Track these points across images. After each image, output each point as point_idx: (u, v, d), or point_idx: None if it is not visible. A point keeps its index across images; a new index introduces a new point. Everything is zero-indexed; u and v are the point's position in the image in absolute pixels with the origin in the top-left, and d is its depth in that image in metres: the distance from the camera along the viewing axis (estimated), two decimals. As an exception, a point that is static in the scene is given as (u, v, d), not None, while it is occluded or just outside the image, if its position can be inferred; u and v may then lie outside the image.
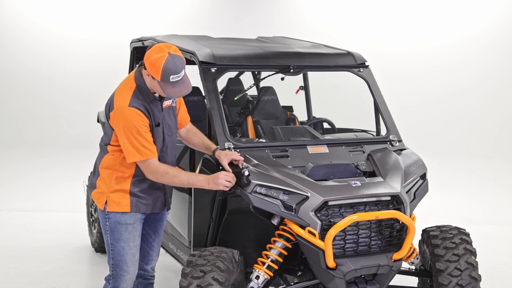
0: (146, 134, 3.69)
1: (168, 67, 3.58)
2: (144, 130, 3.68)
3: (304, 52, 4.86)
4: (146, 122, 3.70)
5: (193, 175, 3.84)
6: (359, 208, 3.89)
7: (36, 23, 12.10)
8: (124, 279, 3.93)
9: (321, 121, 5.65)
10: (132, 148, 3.67)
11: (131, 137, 3.65)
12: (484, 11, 11.95)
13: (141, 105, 3.69)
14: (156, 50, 3.62)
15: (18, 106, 12.21)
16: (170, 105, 3.93)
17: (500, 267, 6.12)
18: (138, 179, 3.83)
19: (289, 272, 4.23)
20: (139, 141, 3.66)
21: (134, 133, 3.65)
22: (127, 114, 3.64)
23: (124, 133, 3.66)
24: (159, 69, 3.57)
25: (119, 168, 3.81)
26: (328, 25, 11.95)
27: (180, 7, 12.18)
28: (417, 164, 4.39)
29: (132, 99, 3.68)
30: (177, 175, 3.78)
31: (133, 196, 3.83)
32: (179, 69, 3.61)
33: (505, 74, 11.99)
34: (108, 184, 3.83)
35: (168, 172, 3.75)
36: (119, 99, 3.70)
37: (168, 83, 3.61)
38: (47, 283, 5.57)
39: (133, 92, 3.70)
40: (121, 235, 3.85)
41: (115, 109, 3.69)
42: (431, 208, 7.62)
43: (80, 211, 7.25)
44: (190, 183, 3.82)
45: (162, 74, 3.58)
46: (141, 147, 3.67)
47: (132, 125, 3.64)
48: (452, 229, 4.34)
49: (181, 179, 3.79)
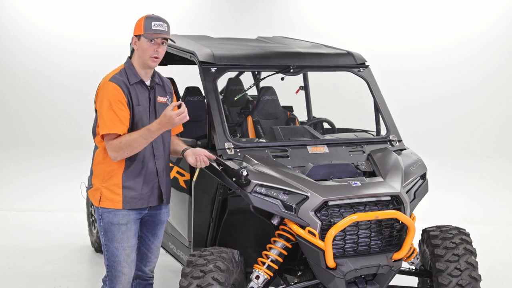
0: (118, 110, 3.65)
1: (149, 18, 3.76)
2: (118, 105, 3.66)
3: (304, 52, 4.85)
4: (122, 98, 3.67)
5: (144, 130, 3.64)
6: (359, 208, 3.89)
7: (36, 23, 12.11)
8: (119, 280, 3.88)
9: (321, 121, 5.65)
10: (101, 121, 3.67)
11: (103, 110, 3.66)
12: (484, 11, 11.96)
13: (120, 82, 3.71)
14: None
15: (18, 106, 12.22)
16: (165, 102, 3.90)
17: (500, 267, 6.12)
18: (129, 170, 3.77)
19: (289, 272, 4.23)
20: (108, 115, 3.65)
21: (106, 106, 3.65)
22: (105, 88, 3.70)
23: (99, 105, 3.70)
24: (141, 22, 3.74)
25: (109, 161, 3.77)
26: (328, 25, 11.96)
27: (180, 7, 12.19)
28: (417, 164, 4.39)
29: (114, 75, 3.74)
30: (132, 139, 3.61)
31: (126, 189, 3.77)
32: (161, 18, 3.78)
33: (505, 74, 11.99)
34: (101, 179, 3.81)
35: (122, 141, 3.63)
36: (104, 77, 3.78)
37: (151, 30, 3.72)
38: (47, 283, 5.57)
39: (119, 71, 3.78)
40: (114, 235, 3.81)
41: (98, 87, 3.77)
42: (431, 208, 7.62)
43: (80, 211, 7.25)
44: (146, 139, 3.64)
45: (144, 24, 3.72)
46: (109, 121, 3.64)
47: (105, 97, 3.67)
48: (452, 229, 4.34)
49: (137, 140, 3.62)
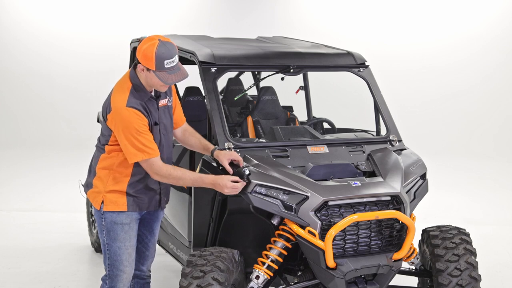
0: (146, 134, 3.66)
1: (160, 52, 3.55)
2: (143, 129, 3.64)
3: (304, 52, 4.85)
4: (145, 122, 3.66)
5: (198, 178, 3.75)
6: (359, 208, 3.89)
7: (36, 23, 12.10)
8: (120, 279, 3.91)
9: (321, 121, 5.65)
10: (133, 148, 3.63)
11: (131, 138, 3.61)
12: (484, 11, 11.95)
13: (138, 105, 3.65)
14: (145, 40, 3.60)
15: (18, 106, 12.21)
16: (166, 104, 3.89)
17: (500, 267, 6.12)
18: (135, 179, 3.80)
19: (289, 272, 4.23)
20: (139, 141, 3.62)
21: (134, 133, 3.61)
22: (125, 115, 3.60)
23: (124, 134, 3.62)
24: (152, 57, 3.54)
25: (116, 169, 3.79)
26: (328, 25, 11.95)
27: (180, 7, 12.18)
28: (417, 164, 4.39)
29: (129, 99, 3.63)
30: (182, 178, 3.72)
31: (130, 196, 3.81)
32: (172, 53, 3.58)
33: (505, 74, 11.98)
34: (105, 183, 3.80)
35: (172, 174, 3.70)
36: (116, 100, 3.65)
37: (164, 70, 3.58)
38: (47, 283, 5.57)
39: (129, 92, 3.66)
40: (117, 235, 3.83)
41: (112, 110, 3.64)
42: (431, 208, 7.61)
43: (80, 211, 7.24)
44: (195, 186, 3.79)
45: (156, 61, 3.55)
46: (143, 146, 3.63)
47: (131, 126, 3.60)
48: (452, 229, 4.34)
49: (185, 182, 3.76)
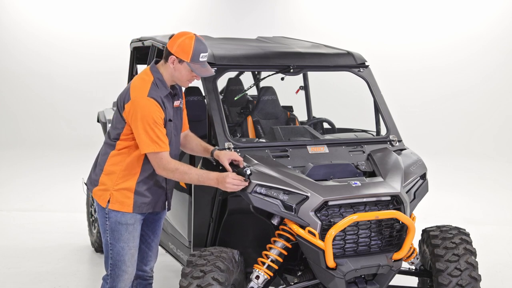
0: (161, 126, 3.70)
1: (198, 45, 3.72)
2: (160, 122, 3.69)
3: (304, 52, 4.85)
4: (162, 115, 3.71)
5: (204, 174, 3.78)
6: (359, 208, 3.89)
7: (36, 23, 12.10)
8: (122, 279, 3.91)
9: (321, 121, 5.65)
10: (147, 138, 3.65)
11: (147, 128, 3.64)
12: (484, 11, 11.96)
13: (158, 97, 3.70)
14: (180, 34, 3.76)
15: (18, 106, 12.21)
16: (179, 105, 3.93)
17: (500, 267, 6.12)
18: (144, 177, 3.81)
19: (289, 272, 4.23)
20: (154, 132, 3.65)
21: (151, 123, 3.64)
22: (145, 104, 3.65)
23: (141, 123, 3.64)
24: (190, 49, 3.69)
25: (125, 166, 3.79)
26: (328, 25, 11.95)
27: (180, 7, 12.19)
28: (417, 164, 4.39)
29: (150, 90, 3.69)
30: (188, 172, 3.74)
31: (138, 195, 3.81)
32: (207, 48, 3.78)
33: (505, 74, 11.99)
34: (114, 181, 3.80)
35: (179, 169, 3.72)
36: (137, 89, 3.70)
37: (198, 62, 3.73)
38: (47, 283, 5.57)
39: (151, 84, 3.73)
40: (121, 235, 3.83)
41: (132, 99, 3.68)
42: (431, 208, 7.61)
43: (80, 211, 7.24)
44: (200, 181, 3.78)
45: (193, 54, 3.69)
46: (156, 138, 3.66)
47: (149, 116, 3.64)
48: (452, 229, 4.34)
49: (191, 177, 3.76)
